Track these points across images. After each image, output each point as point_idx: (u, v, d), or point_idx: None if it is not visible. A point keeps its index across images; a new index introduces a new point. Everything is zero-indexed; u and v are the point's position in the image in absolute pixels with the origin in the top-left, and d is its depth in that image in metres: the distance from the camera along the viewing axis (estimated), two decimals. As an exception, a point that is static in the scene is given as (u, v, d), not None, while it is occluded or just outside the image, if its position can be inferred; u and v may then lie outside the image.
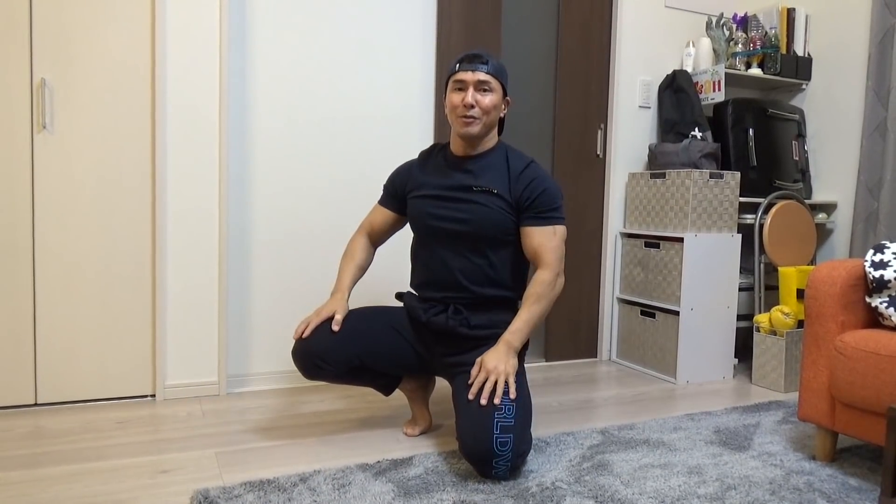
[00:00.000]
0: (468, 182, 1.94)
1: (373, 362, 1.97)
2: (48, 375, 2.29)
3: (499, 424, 1.71)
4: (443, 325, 1.94)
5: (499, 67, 1.91)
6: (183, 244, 2.42)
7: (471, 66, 1.87)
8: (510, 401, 1.75)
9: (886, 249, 1.90)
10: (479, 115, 1.88)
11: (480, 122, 1.89)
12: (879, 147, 2.90)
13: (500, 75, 1.91)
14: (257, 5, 2.52)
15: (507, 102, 1.98)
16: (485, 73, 1.87)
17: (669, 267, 2.90)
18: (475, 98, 1.87)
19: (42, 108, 2.21)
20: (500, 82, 1.91)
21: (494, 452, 1.69)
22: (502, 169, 1.93)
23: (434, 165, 2.03)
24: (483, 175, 1.94)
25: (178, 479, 1.73)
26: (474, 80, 1.87)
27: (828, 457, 1.95)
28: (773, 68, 3.21)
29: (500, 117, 1.97)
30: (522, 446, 1.75)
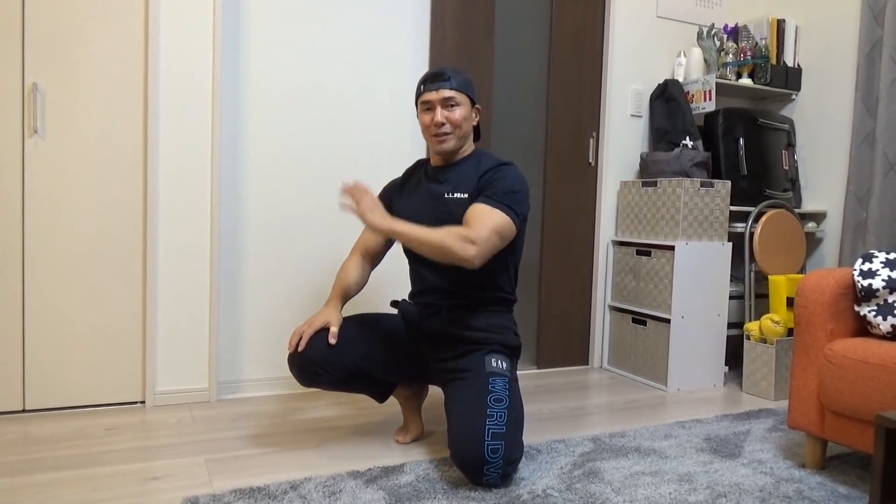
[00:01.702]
0: (440, 191, 1.97)
1: (370, 369, 1.97)
2: (37, 381, 2.27)
3: (490, 431, 1.71)
4: (437, 327, 1.96)
5: (462, 81, 1.94)
6: (174, 249, 2.41)
7: (434, 85, 1.92)
8: (502, 408, 1.75)
9: (875, 258, 1.92)
10: (450, 130, 1.93)
11: (454, 137, 1.94)
12: (868, 157, 2.92)
13: (465, 88, 1.95)
14: (251, 9, 2.53)
15: (477, 111, 2.01)
16: (449, 89, 1.91)
17: (661, 275, 2.91)
18: (444, 115, 1.91)
19: (33, 112, 2.20)
20: (466, 95, 1.95)
21: (485, 460, 1.69)
22: (474, 172, 1.95)
23: (415, 182, 2.09)
24: (455, 183, 1.96)
25: (168, 487, 1.72)
26: (440, 99, 1.91)
27: (817, 464, 1.96)
28: (763, 78, 3.24)
29: (473, 126, 2.01)
30: (514, 453, 1.75)
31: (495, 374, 1.84)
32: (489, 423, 1.72)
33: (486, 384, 1.81)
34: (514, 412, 1.78)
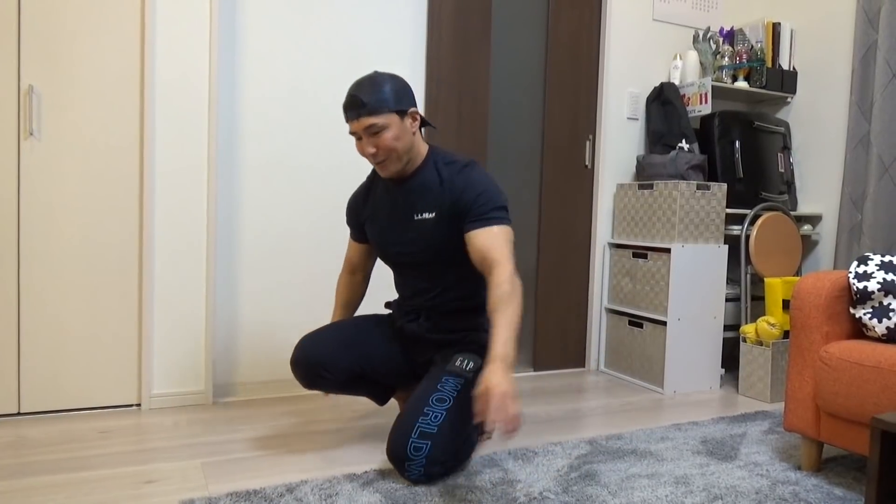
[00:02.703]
0: (409, 210, 1.90)
1: (371, 371, 2.00)
2: (32, 384, 2.26)
3: (419, 429, 1.73)
4: (413, 331, 1.99)
5: (380, 100, 1.75)
6: (170, 252, 2.41)
7: (352, 114, 1.77)
8: (441, 408, 1.75)
9: (870, 261, 1.92)
10: (384, 156, 1.80)
11: (392, 160, 1.82)
12: (863, 160, 2.93)
13: (386, 106, 1.76)
14: (248, 12, 2.53)
15: (413, 116, 1.83)
16: (367, 116, 1.75)
17: (657, 277, 2.91)
18: (373, 144, 1.78)
19: (29, 114, 2.20)
20: (391, 111, 1.77)
21: (407, 456, 1.71)
22: (436, 186, 1.87)
23: (382, 189, 1.99)
24: (420, 199, 1.89)
25: (164, 490, 1.71)
26: (361, 129, 1.77)
27: (813, 467, 1.96)
28: (758, 82, 3.25)
29: (414, 132, 1.85)
30: (441, 455, 1.74)
31: (452, 373, 1.84)
32: (420, 422, 1.74)
33: (437, 383, 1.82)
34: (454, 415, 1.76)
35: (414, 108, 1.82)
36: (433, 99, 2.85)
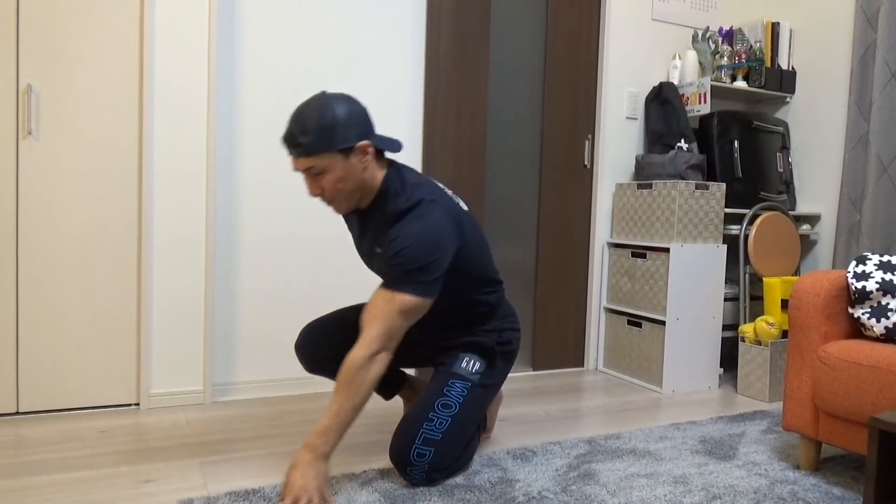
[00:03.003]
0: (370, 241, 1.78)
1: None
2: (30, 383, 2.26)
3: (423, 435, 1.71)
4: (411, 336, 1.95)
5: (318, 140, 1.55)
6: (169, 251, 2.41)
7: (290, 152, 1.61)
8: (447, 414, 1.73)
9: (868, 261, 1.92)
10: (330, 198, 1.66)
11: (339, 201, 1.66)
12: (861, 160, 2.94)
13: (325, 146, 1.56)
14: (246, 11, 2.52)
15: (363, 150, 1.61)
16: (305, 157, 1.58)
17: (656, 277, 2.92)
18: (316, 185, 1.63)
19: (28, 113, 2.20)
20: (332, 151, 1.57)
21: (410, 461, 1.71)
22: (386, 225, 1.70)
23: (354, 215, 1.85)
24: (375, 234, 1.75)
25: (162, 489, 1.71)
26: (302, 169, 1.61)
27: (812, 466, 1.96)
28: (757, 81, 3.25)
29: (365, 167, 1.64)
30: (444, 461, 1.73)
31: (458, 377, 1.80)
32: (425, 428, 1.72)
33: (443, 387, 1.78)
34: (459, 422, 1.74)
35: (364, 140, 1.60)
36: (432, 98, 2.85)
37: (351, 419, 1.59)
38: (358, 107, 1.62)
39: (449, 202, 1.72)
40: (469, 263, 1.77)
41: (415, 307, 1.59)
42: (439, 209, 1.64)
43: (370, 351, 1.57)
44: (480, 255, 1.81)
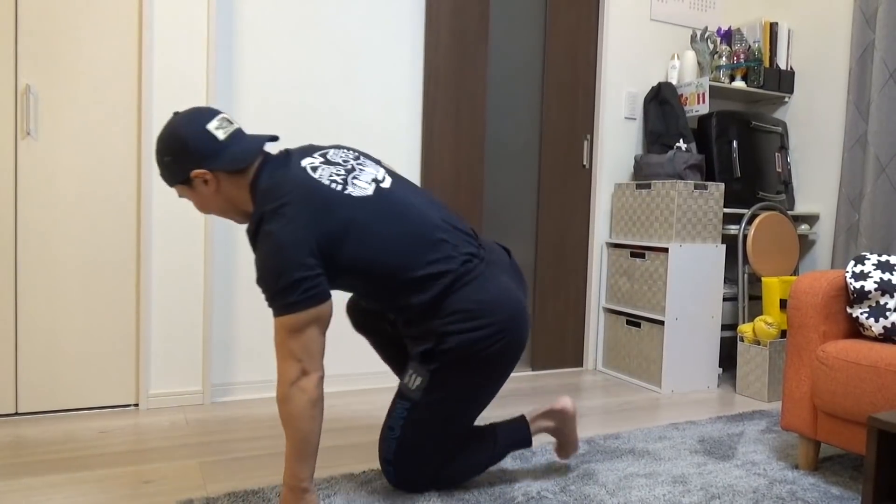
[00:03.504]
0: None
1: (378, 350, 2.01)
2: (29, 384, 2.26)
3: (383, 455, 1.69)
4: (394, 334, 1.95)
5: (163, 174, 1.57)
6: (168, 251, 2.41)
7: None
8: (392, 437, 1.67)
9: (867, 261, 1.93)
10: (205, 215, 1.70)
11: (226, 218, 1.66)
12: (860, 160, 2.94)
13: (169, 180, 1.57)
14: (245, 13, 2.52)
15: (203, 178, 1.54)
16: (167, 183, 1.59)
17: (654, 277, 2.92)
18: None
19: (26, 114, 2.20)
20: (175, 184, 1.57)
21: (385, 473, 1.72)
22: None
23: None
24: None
25: (162, 490, 1.71)
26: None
27: (810, 466, 1.97)
28: (756, 81, 3.25)
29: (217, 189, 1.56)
30: (410, 475, 1.68)
31: (401, 395, 1.68)
32: (384, 449, 1.69)
33: (392, 406, 1.70)
34: (404, 441, 1.66)
35: (196, 170, 1.52)
36: (431, 98, 2.85)
37: (307, 449, 1.51)
38: (191, 132, 1.52)
39: (303, 194, 1.52)
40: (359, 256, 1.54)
41: (297, 324, 1.47)
42: (279, 219, 1.49)
43: (286, 382, 1.49)
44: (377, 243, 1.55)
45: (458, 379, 1.63)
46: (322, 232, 1.50)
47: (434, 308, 1.60)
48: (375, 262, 1.55)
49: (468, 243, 1.67)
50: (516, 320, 1.63)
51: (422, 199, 1.67)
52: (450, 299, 1.60)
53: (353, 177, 1.60)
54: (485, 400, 1.71)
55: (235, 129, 1.58)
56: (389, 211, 1.58)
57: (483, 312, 1.59)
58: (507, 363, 1.66)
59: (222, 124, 1.55)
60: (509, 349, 1.63)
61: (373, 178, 1.62)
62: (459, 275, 1.60)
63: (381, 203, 1.58)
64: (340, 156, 1.66)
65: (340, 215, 1.52)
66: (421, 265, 1.58)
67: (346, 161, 1.64)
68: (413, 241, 1.58)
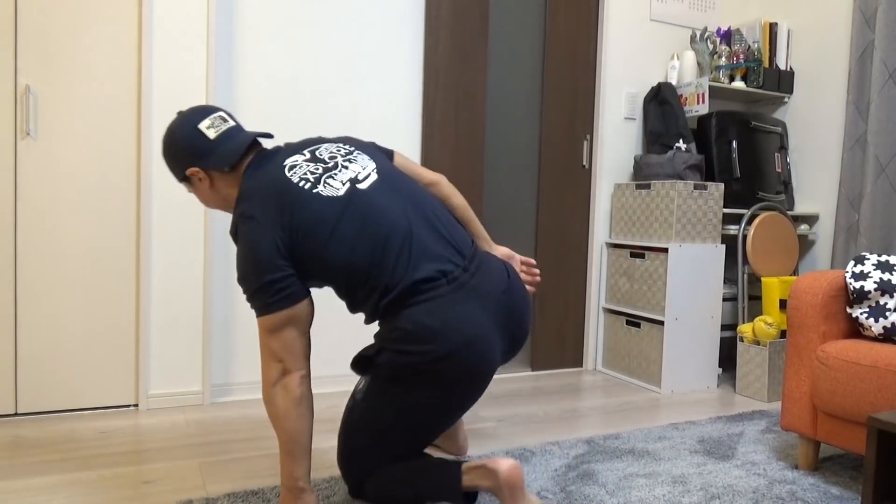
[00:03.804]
0: None
1: None
2: (29, 384, 2.26)
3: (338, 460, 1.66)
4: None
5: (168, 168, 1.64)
6: (167, 252, 2.41)
7: None
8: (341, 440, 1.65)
9: (867, 261, 1.93)
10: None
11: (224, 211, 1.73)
12: (860, 160, 2.94)
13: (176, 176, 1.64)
14: (245, 13, 2.52)
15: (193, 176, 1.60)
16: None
17: (654, 277, 2.92)
18: None
19: (26, 114, 2.20)
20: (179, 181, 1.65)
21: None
22: None
23: None
24: None
25: (162, 490, 1.71)
26: None
27: (810, 466, 1.97)
28: (755, 82, 3.25)
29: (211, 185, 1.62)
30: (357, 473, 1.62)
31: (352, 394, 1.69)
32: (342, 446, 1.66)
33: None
34: (344, 438, 1.63)
35: (190, 168, 1.59)
36: (430, 99, 2.85)
37: (297, 448, 1.51)
38: (183, 132, 1.58)
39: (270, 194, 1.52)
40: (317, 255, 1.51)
41: (274, 325, 1.49)
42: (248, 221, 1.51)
43: (269, 382, 1.50)
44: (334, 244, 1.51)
45: (392, 394, 1.55)
46: (285, 231, 1.49)
47: (381, 318, 1.55)
48: (332, 262, 1.51)
49: (444, 259, 1.54)
50: (463, 353, 1.48)
51: (403, 203, 1.58)
52: (396, 314, 1.52)
53: (328, 176, 1.56)
54: (431, 423, 1.57)
55: (228, 127, 1.59)
56: (354, 213, 1.52)
57: (422, 337, 1.48)
58: (452, 391, 1.52)
59: (214, 122, 1.58)
60: (451, 379, 1.50)
61: (350, 178, 1.57)
62: (410, 291, 1.50)
63: (349, 205, 1.53)
64: (330, 152, 1.63)
65: (303, 214, 1.50)
66: (372, 273, 1.51)
67: (332, 158, 1.61)
68: (371, 248, 1.51)
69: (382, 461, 1.59)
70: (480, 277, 1.57)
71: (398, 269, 1.51)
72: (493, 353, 1.54)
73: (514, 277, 1.65)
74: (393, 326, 1.51)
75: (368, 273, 1.51)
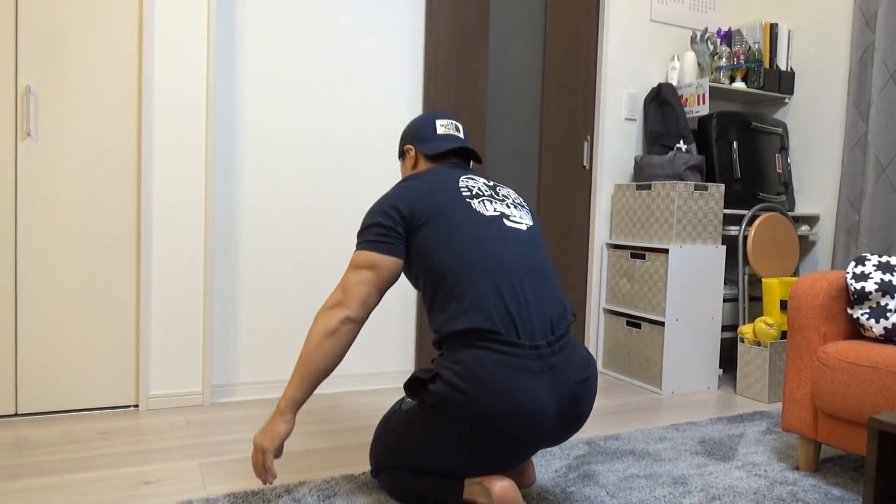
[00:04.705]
0: None
1: None
2: (29, 385, 2.26)
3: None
4: None
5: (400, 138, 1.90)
6: (168, 253, 2.41)
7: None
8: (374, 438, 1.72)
9: (867, 261, 1.93)
10: None
11: None
12: (860, 160, 2.94)
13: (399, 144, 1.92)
14: (245, 14, 2.53)
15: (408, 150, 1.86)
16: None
17: (655, 278, 2.92)
18: None
19: (26, 115, 2.20)
20: (399, 148, 1.92)
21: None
22: None
23: None
24: None
25: (162, 491, 1.71)
26: None
27: (811, 467, 1.96)
28: (756, 82, 3.25)
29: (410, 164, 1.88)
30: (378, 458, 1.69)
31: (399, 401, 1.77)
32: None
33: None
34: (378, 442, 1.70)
35: (408, 145, 1.85)
36: (431, 99, 2.85)
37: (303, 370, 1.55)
38: (424, 121, 1.86)
39: (432, 180, 1.66)
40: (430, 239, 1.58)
41: (357, 261, 1.60)
42: (400, 186, 1.68)
43: (326, 304, 1.60)
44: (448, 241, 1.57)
45: (428, 421, 1.54)
46: (421, 204, 1.61)
47: (447, 341, 1.53)
48: (440, 253, 1.56)
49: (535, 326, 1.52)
50: (511, 420, 1.44)
51: (529, 260, 1.60)
52: (463, 347, 1.50)
53: (487, 199, 1.68)
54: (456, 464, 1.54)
55: (453, 134, 1.83)
56: (491, 233, 1.59)
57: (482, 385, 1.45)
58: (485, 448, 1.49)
59: (448, 126, 1.85)
60: (488, 437, 1.46)
61: (503, 212, 1.66)
62: (487, 332, 1.48)
63: (486, 223, 1.61)
64: (504, 192, 1.76)
65: (444, 204, 1.61)
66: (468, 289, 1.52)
67: (505, 197, 1.73)
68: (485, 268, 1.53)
69: (403, 464, 1.63)
70: (562, 359, 1.54)
71: (491, 300, 1.51)
72: (544, 430, 1.49)
73: (594, 371, 1.61)
74: (457, 358, 1.49)
75: (470, 283, 1.52)
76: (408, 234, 1.61)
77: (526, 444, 1.50)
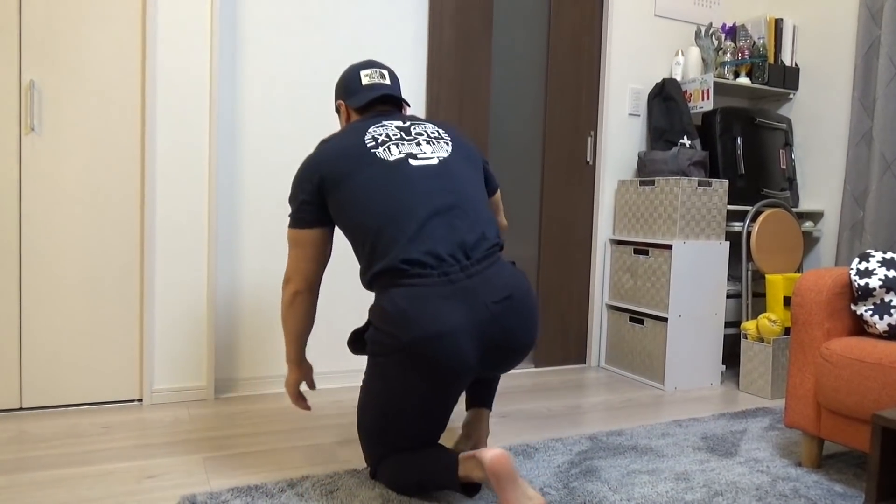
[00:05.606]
0: None
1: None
2: (33, 379, 2.27)
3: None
4: None
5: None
6: (171, 247, 2.41)
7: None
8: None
9: (871, 258, 1.92)
10: None
11: None
12: (865, 156, 2.93)
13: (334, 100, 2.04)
14: (249, 8, 2.52)
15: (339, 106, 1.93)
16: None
17: (658, 274, 2.91)
18: None
19: (30, 110, 2.20)
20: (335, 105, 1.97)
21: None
22: None
23: None
24: None
25: (165, 485, 1.72)
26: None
27: (814, 463, 1.96)
28: (760, 78, 3.24)
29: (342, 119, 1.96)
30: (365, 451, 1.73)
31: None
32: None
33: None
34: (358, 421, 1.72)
35: (338, 101, 1.91)
36: (434, 95, 2.84)
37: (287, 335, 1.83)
38: (348, 74, 1.89)
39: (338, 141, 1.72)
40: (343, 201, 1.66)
41: (290, 238, 1.76)
42: (319, 148, 1.75)
43: (283, 280, 1.80)
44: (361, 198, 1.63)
45: (376, 372, 1.60)
46: (328, 170, 1.68)
47: (374, 290, 1.65)
48: (351, 212, 1.65)
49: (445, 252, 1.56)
50: (426, 345, 1.48)
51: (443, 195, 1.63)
52: (383, 291, 1.58)
53: (395, 143, 1.71)
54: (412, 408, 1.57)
55: (379, 82, 1.85)
56: (394, 179, 1.64)
57: (394, 320, 1.51)
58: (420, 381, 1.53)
59: (372, 75, 1.87)
60: (416, 368, 1.51)
61: (409, 153, 1.69)
62: (399, 270, 1.55)
63: (390, 168, 1.65)
64: (419, 129, 1.77)
65: (349, 164, 1.67)
66: (380, 236, 1.59)
67: (418, 135, 1.75)
68: (389, 215, 1.60)
69: (386, 443, 1.66)
70: (478, 281, 1.56)
71: (397, 242, 1.57)
72: (462, 354, 1.51)
73: (522, 291, 1.62)
74: (378, 303, 1.59)
75: (378, 233, 1.60)
76: (322, 200, 1.71)
77: (452, 368, 1.51)
